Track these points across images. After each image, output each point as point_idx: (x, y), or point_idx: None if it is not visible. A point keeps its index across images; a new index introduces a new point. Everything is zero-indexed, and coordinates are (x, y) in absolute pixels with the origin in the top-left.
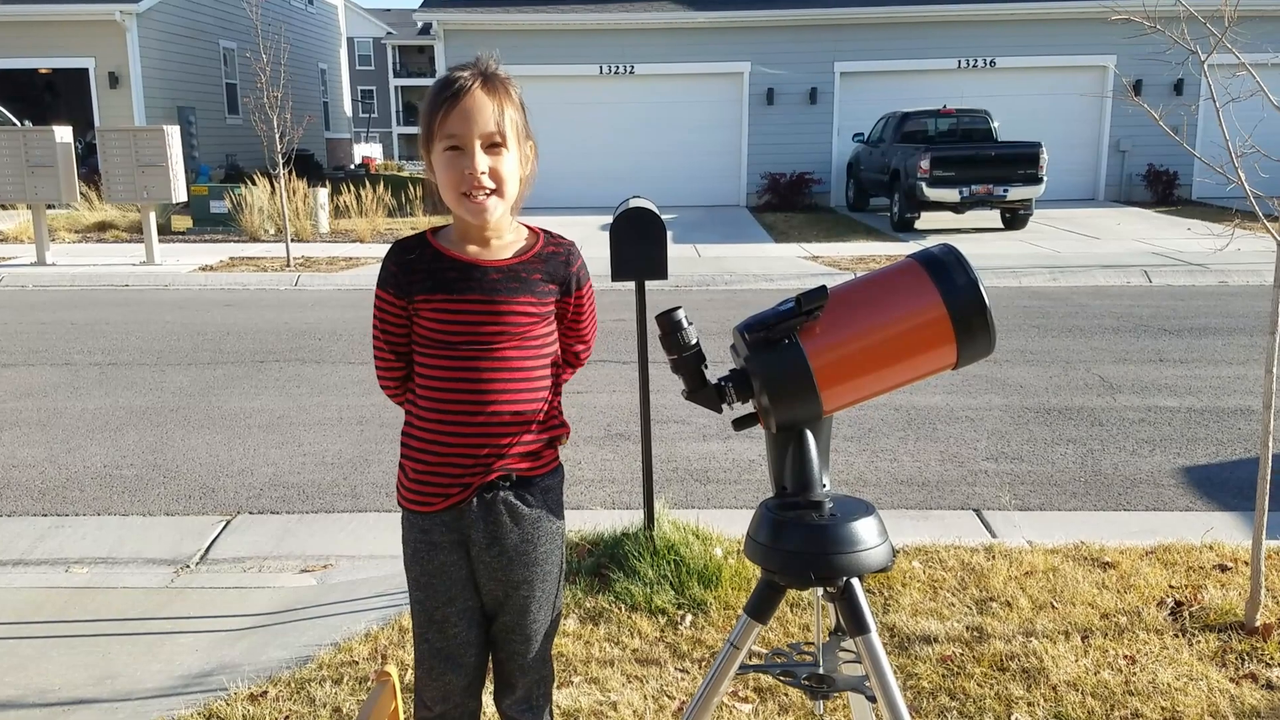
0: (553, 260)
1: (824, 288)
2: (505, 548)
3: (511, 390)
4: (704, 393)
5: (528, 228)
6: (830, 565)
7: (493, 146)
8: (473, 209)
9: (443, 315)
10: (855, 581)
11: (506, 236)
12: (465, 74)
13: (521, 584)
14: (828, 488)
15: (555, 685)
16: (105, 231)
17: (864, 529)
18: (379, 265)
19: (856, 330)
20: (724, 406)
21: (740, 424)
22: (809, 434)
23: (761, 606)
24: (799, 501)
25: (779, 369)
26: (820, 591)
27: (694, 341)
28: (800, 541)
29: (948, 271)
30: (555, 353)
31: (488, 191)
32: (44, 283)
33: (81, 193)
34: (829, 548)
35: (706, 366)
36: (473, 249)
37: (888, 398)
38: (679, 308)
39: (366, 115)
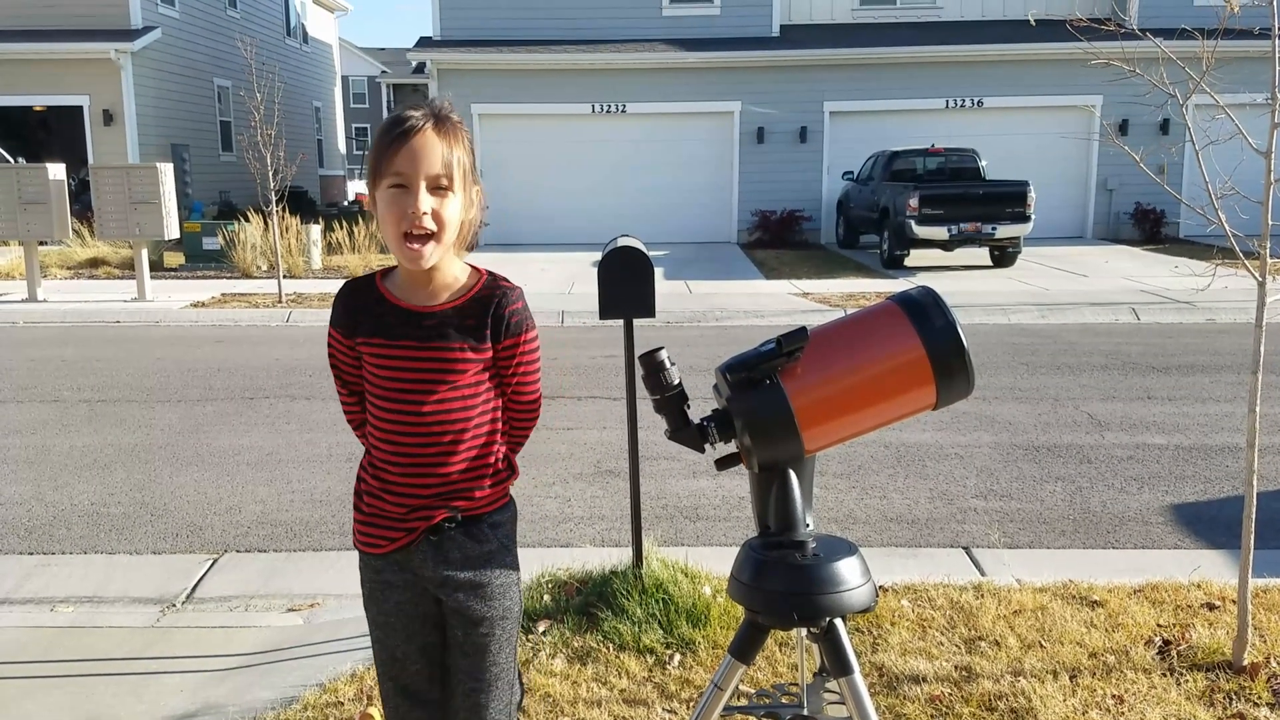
0: (484, 302)
1: (804, 329)
2: (461, 583)
3: (451, 435)
4: (686, 432)
5: (473, 268)
6: (813, 605)
7: (438, 189)
8: (409, 255)
9: (381, 360)
10: (839, 622)
11: (449, 277)
12: (417, 114)
13: (482, 620)
14: (811, 527)
15: None
16: (97, 268)
17: (847, 569)
18: None
19: (837, 371)
20: (707, 446)
21: (723, 464)
22: (792, 473)
23: (745, 647)
24: (782, 541)
25: (760, 409)
26: (804, 631)
27: (676, 382)
28: (783, 581)
29: (926, 314)
30: (499, 401)
31: (426, 235)
32: (35, 319)
33: (74, 229)
34: (812, 588)
35: (689, 406)
36: (416, 294)
37: (877, 435)
38: (661, 348)
39: (360, 153)
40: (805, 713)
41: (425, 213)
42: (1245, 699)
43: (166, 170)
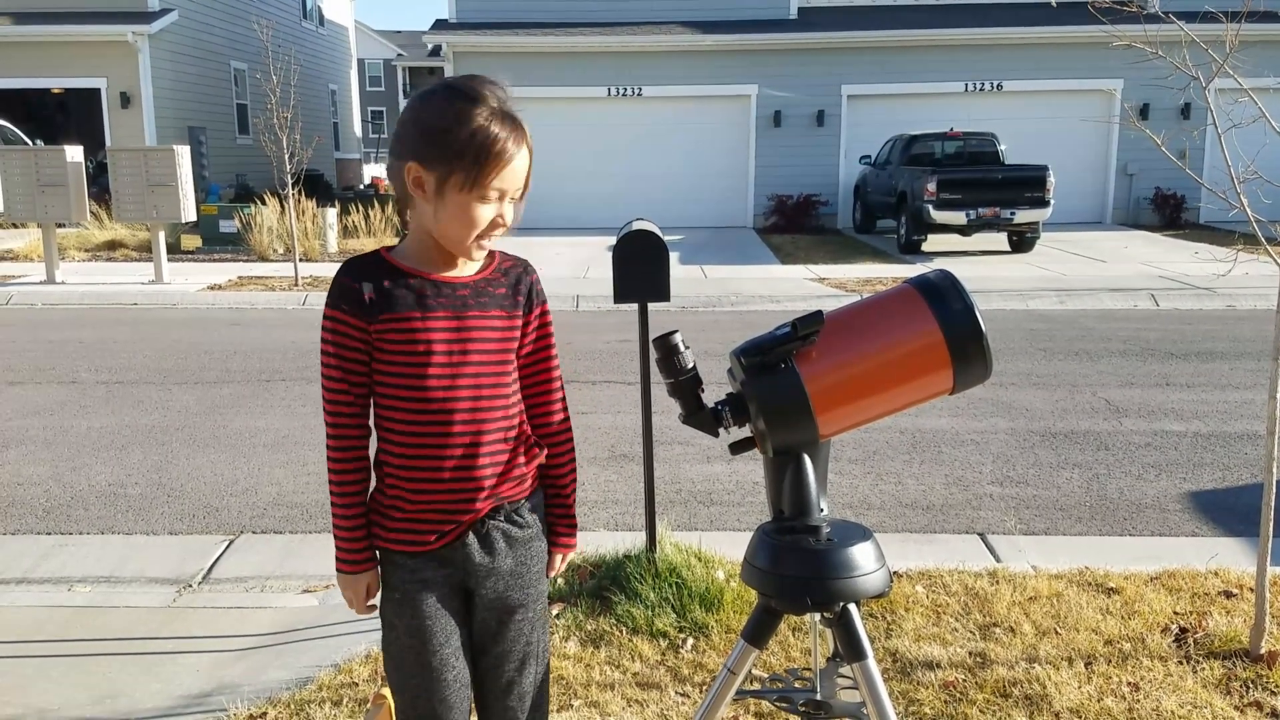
0: (512, 273)
1: (820, 312)
2: (503, 573)
3: (488, 410)
4: (701, 416)
5: None
6: (827, 591)
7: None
8: (479, 252)
9: (412, 335)
10: (852, 607)
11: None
12: (505, 133)
13: (519, 608)
14: (826, 512)
15: (555, 709)
16: (115, 250)
17: (861, 554)
18: None
19: (853, 355)
20: (721, 431)
21: (737, 448)
22: (806, 458)
23: (758, 631)
24: (796, 526)
25: (775, 393)
26: (818, 617)
27: (690, 365)
28: (797, 566)
29: (944, 297)
30: (519, 382)
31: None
32: (53, 301)
33: (92, 212)
34: (825, 573)
35: (703, 390)
36: (438, 268)
37: (892, 420)
38: (675, 331)
39: (376, 136)
40: (818, 698)
41: (510, 222)
42: (1262, 687)
43: (183, 153)
